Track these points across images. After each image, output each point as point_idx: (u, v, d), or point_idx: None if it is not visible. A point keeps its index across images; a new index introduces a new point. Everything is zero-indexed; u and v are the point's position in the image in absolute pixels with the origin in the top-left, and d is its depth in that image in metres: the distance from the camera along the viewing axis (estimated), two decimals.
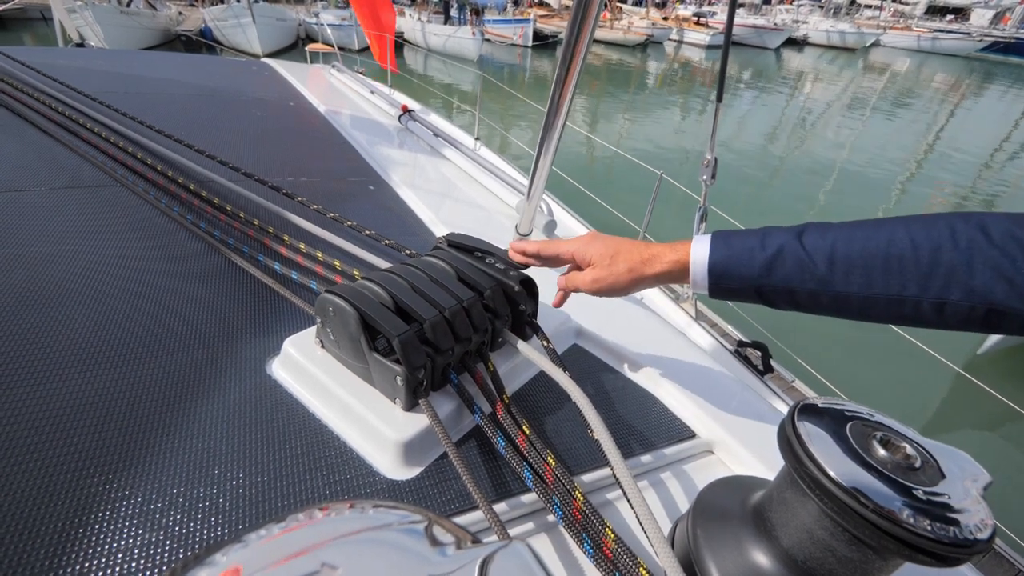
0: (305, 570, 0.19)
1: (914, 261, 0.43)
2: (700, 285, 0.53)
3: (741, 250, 0.50)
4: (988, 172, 8.99)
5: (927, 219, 0.45)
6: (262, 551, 0.20)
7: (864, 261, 0.45)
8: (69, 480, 0.49)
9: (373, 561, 0.19)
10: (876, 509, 0.35)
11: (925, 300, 0.43)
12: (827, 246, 0.47)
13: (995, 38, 27.18)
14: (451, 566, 0.20)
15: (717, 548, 0.47)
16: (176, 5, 16.94)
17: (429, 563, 0.20)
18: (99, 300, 0.74)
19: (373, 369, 0.59)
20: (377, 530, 0.21)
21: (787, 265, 0.48)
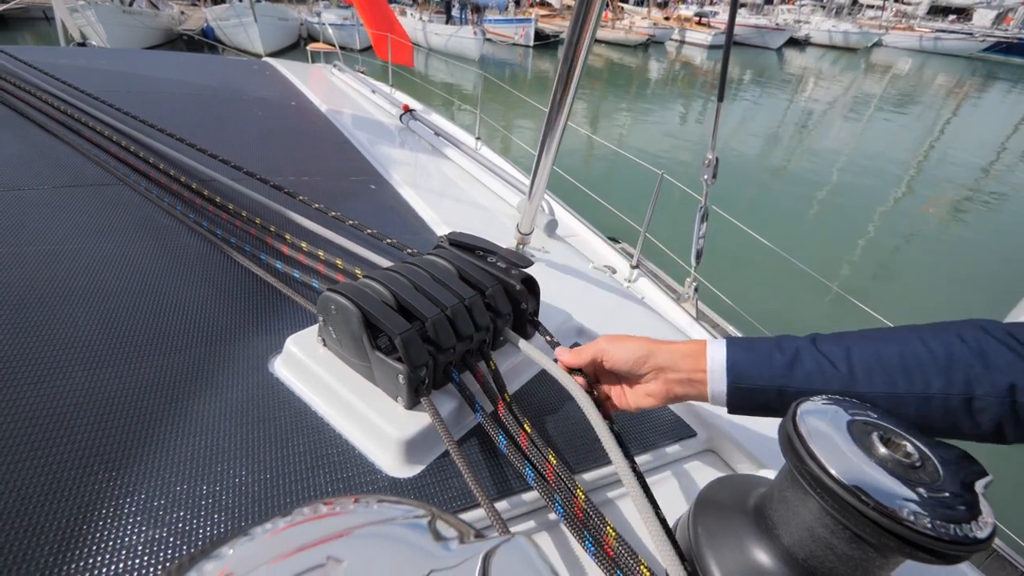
0: (311, 563, 0.19)
1: (931, 359, 0.43)
2: (718, 398, 0.50)
3: (760, 352, 0.49)
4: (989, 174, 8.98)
5: (932, 326, 0.46)
6: (268, 544, 0.20)
7: (883, 363, 0.45)
8: (73, 476, 0.49)
9: (377, 554, 0.20)
10: (877, 507, 0.35)
11: (952, 396, 0.42)
12: (843, 351, 0.47)
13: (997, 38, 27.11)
14: (454, 560, 0.20)
15: (718, 546, 0.47)
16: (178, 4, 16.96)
17: (432, 557, 0.20)
18: (102, 298, 0.74)
19: (375, 367, 0.59)
20: (381, 524, 0.21)
21: (807, 366, 0.47)
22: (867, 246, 5.83)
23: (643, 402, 0.56)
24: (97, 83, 1.59)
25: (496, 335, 0.69)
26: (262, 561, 0.19)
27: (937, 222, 6.80)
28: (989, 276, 5.17)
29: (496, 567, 0.20)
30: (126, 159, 1.14)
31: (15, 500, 0.47)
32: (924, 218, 6.87)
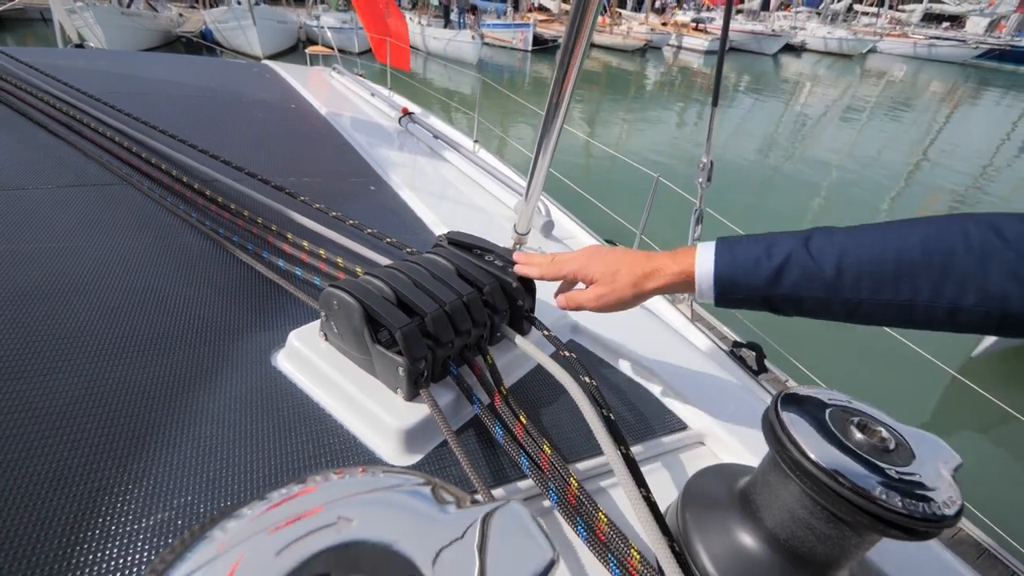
0: (324, 522, 0.21)
1: (926, 265, 0.42)
2: (706, 295, 0.52)
3: (746, 260, 0.49)
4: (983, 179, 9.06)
5: (938, 221, 0.44)
6: (285, 507, 0.22)
7: (874, 267, 0.44)
8: (82, 464, 0.51)
9: (384, 515, 0.22)
10: (852, 488, 0.37)
11: (938, 306, 0.42)
12: (835, 252, 0.46)
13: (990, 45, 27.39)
14: (454, 521, 0.22)
15: (705, 531, 0.49)
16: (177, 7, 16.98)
17: (434, 518, 0.22)
18: (108, 294, 0.76)
19: (376, 361, 0.61)
20: (387, 490, 0.23)
21: (794, 273, 0.47)
22: None
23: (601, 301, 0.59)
24: (98, 84, 1.60)
25: (493, 331, 0.71)
26: (279, 521, 0.21)
27: None
28: None
29: (494, 527, 0.22)
30: (128, 160, 1.15)
31: (26, 488, 0.48)
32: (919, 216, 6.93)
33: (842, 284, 0.45)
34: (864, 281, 0.44)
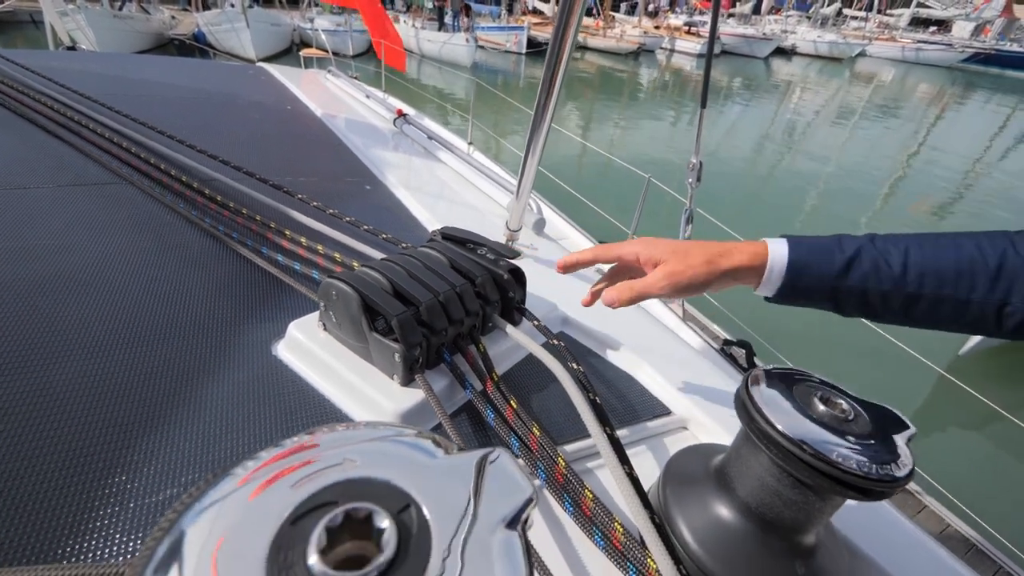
0: (332, 462, 0.24)
1: (983, 264, 0.46)
2: (774, 282, 0.52)
3: (820, 249, 0.50)
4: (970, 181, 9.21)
5: (989, 233, 0.49)
6: (297, 452, 0.24)
7: (937, 264, 0.47)
8: (91, 447, 0.53)
9: (383, 458, 0.24)
10: (814, 454, 0.40)
11: (990, 302, 0.46)
12: (900, 250, 0.48)
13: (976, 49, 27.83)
14: (445, 462, 0.25)
15: (684, 504, 0.52)
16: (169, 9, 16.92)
17: (427, 461, 0.25)
18: (110, 289, 0.78)
19: (373, 348, 0.63)
20: (385, 439, 0.26)
21: (864, 266, 0.49)
22: None
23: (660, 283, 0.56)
24: (93, 86, 1.62)
25: (485, 321, 0.74)
26: (293, 462, 0.24)
27: (922, 225, 6.98)
28: None
29: (489, 468, 0.25)
30: (127, 159, 1.17)
31: (37, 471, 0.50)
32: (909, 221, 7.04)
33: (907, 279, 0.48)
34: (928, 277, 0.47)
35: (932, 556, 0.59)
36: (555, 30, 0.78)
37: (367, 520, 0.21)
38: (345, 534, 0.21)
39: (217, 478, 0.23)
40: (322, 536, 0.20)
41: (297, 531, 0.20)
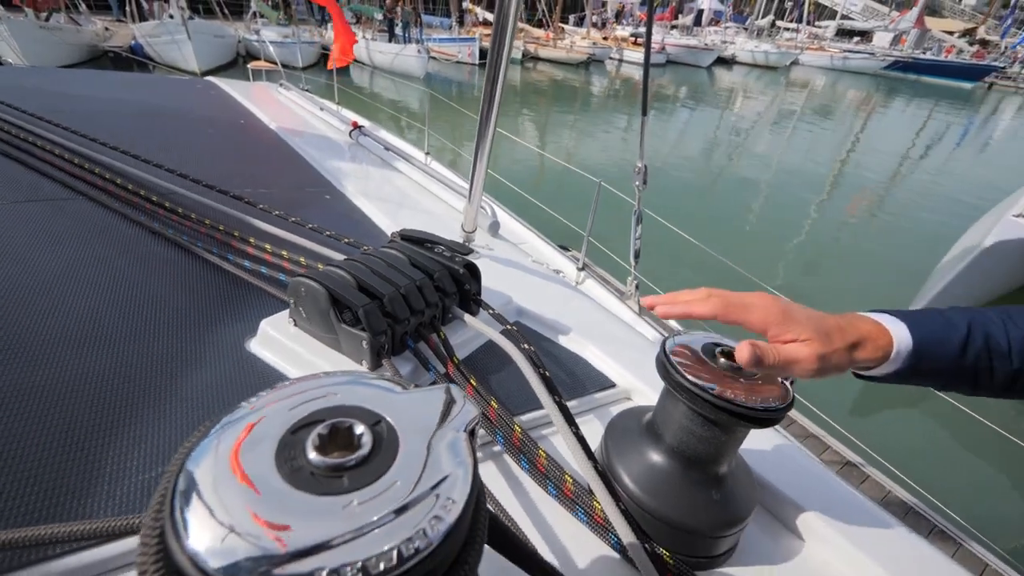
0: (317, 395, 0.30)
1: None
2: (892, 367, 0.50)
3: (939, 331, 0.49)
4: (898, 179, 9.99)
5: None
6: (290, 388, 0.31)
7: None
8: (82, 436, 0.56)
9: (358, 392, 0.31)
10: (716, 395, 0.49)
11: None
12: (1001, 327, 0.48)
13: (895, 58, 30.20)
14: (408, 394, 0.32)
15: (623, 455, 0.61)
16: (102, 21, 16.12)
17: (394, 394, 0.32)
18: (79, 299, 0.80)
19: (342, 338, 0.69)
20: (358, 381, 0.33)
21: (977, 344, 0.48)
22: (796, 245, 6.40)
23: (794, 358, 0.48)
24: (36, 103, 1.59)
25: (445, 311, 0.81)
26: (287, 395, 0.30)
27: (858, 222, 7.52)
28: (900, 265, 5.78)
29: (442, 396, 0.32)
30: (82, 176, 1.17)
31: (28, 468, 0.53)
32: (847, 219, 7.58)
33: (1012, 356, 0.47)
34: None
35: (830, 485, 0.69)
36: (492, 42, 0.85)
37: (349, 432, 0.28)
38: (333, 446, 0.27)
39: (231, 410, 0.29)
40: (315, 439, 0.26)
41: (296, 438, 0.27)
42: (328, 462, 0.26)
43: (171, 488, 0.24)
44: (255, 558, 0.21)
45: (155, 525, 0.23)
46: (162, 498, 0.24)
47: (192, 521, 0.22)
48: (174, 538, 0.22)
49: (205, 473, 0.24)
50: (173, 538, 0.22)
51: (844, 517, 0.63)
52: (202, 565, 0.21)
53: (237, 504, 0.23)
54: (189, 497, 0.23)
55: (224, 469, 0.25)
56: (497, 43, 0.80)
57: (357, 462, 0.26)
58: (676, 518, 0.55)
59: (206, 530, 0.22)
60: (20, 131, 1.32)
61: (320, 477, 0.25)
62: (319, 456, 0.26)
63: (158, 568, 0.22)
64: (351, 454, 0.26)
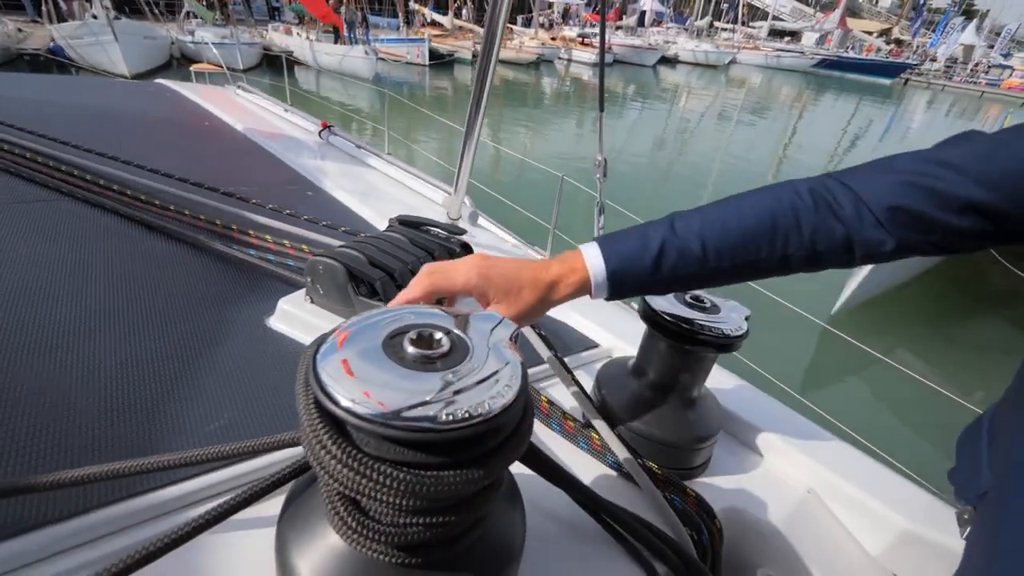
0: (395, 317, 0.39)
1: (763, 230, 0.52)
2: (601, 293, 0.55)
3: (631, 253, 0.54)
4: (832, 166, 10.76)
5: (765, 192, 0.55)
6: (370, 316, 0.39)
7: (728, 241, 0.53)
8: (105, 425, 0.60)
9: (424, 315, 0.40)
10: (688, 326, 0.61)
11: (774, 257, 0.53)
12: (697, 231, 0.53)
13: (822, 56, 32.37)
14: (469, 316, 0.41)
15: (614, 393, 0.72)
16: (14, 21, 14.92)
17: (453, 316, 0.41)
18: (93, 291, 0.82)
19: (359, 309, 0.77)
20: (418, 310, 0.41)
21: (671, 257, 0.53)
22: None
23: None
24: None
25: None
26: (369, 319, 0.39)
27: None
28: None
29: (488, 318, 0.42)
30: (62, 179, 1.17)
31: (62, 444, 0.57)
32: None
33: (707, 257, 0.53)
34: (724, 251, 0.53)
35: (782, 412, 0.83)
36: (485, 39, 0.94)
37: (431, 336, 0.37)
38: (422, 345, 0.36)
39: (339, 327, 0.37)
40: (411, 338, 0.35)
41: (396, 339, 0.36)
42: (423, 352, 0.35)
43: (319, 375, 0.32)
44: (395, 408, 0.30)
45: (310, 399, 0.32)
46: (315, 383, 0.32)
47: (340, 390, 0.31)
48: (335, 406, 0.30)
49: (338, 364, 0.33)
50: (338, 407, 0.30)
51: (794, 435, 0.77)
52: (365, 415, 0.29)
53: (373, 373, 0.32)
54: (335, 376, 0.32)
55: (353, 357, 0.33)
56: (488, 44, 0.89)
57: (443, 353, 0.35)
58: (661, 435, 0.66)
59: (352, 393, 0.30)
60: None
61: (420, 362, 0.34)
62: (415, 349, 0.35)
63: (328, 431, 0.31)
64: (436, 350, 0.36)
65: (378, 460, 0.31)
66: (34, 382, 0.63)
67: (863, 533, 0.69)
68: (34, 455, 0.53)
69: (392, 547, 0.35)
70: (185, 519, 0.40)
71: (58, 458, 0.53)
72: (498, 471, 0.34)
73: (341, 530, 0.35)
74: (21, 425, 0.56)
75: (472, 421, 0.31)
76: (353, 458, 0.30)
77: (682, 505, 0.62)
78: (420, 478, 0.30)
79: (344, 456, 0.30)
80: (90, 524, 0.47)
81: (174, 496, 0.51)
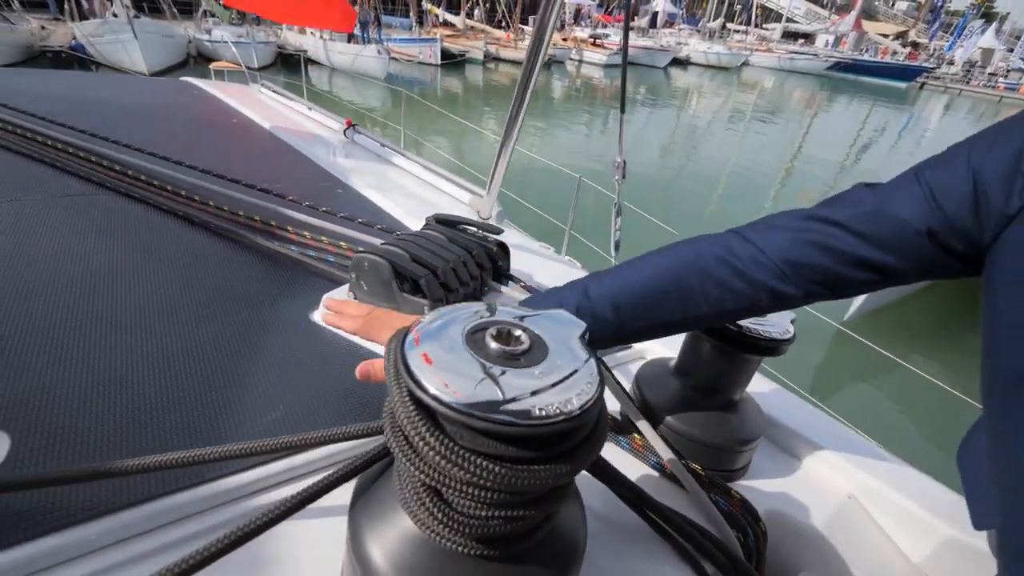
0: (469, 314, 0.40)
1: (671, 290, 0.54)
2: None
3: None
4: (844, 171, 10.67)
5: (670, 252, 0.56)
6: (448, 312, 0.40)
7: (638, 302, 0.54)
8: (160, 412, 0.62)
9: (498, 311, 0.41)
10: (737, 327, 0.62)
11: (688, 316, 0.55)
12: (608, 297, 0.55)
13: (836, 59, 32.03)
14: (537, 315, 0.42)
15: (656, 393, 0.72)
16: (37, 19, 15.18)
17: (525, 314, 0.42)
18: (147, 282, 0.84)
19: (402, 306, 0.78)
20: (487, 308, 0.42)
21: (587, 321, 0.57)
22: None
23: None
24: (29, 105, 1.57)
25: (482, 285, 0.90)
26: (447, 314, 0.40)
27: None
28: None
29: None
30: (105, 173, 1.20)
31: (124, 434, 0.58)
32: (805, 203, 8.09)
33: (621, 319, 0.55)
34: (637, 313, 0.55)
35: (822, 418, 0.83)
36: (532, 40, 0.95)
37: (509, 334, 0.38)
38: (501, 341, 0.37)
39: (416, 322, 0.38)
40: (492, 334, 0.36)
41: (477, 334, 0.37)
42: (506, 348, 0.36)
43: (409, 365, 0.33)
44: (487, 400, 0.31)
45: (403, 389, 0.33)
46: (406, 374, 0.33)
47: (435, 382, 0.32)
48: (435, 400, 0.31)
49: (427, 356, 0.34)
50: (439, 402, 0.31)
51: (833, 439, 0.77)
52: (456, 405, 0.30)
53: (463, 367, 0.33)
54: (425, 370, 0.33)
55: (436, 351, 0.34)
56: (536, 44, 0.90)
57: (525, 350, 0.36)
58: (703, 437, 0.67)
59: (445, 386, 0.31)
60: (24, 130, 1.32)
61: (504, 358, 0.35)
62: (498, 345, 0.36)
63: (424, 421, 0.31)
64: (517, 346, 0.36)
65: (473, 452, 0.31)
66: (107, 370, 0.65)
67: (904, 539, 0.69)
68: (107, 440, 0.55)
69: (470, 538, 0.36)
70: (254, 505, 0.41)
71: (128, 444, 0.55)
72: (583, 466, 0.35)
73: (420, 519, 0.36)
74: (93, 412, 0.58)
75: (564, 416, 0.31)
76: (449, 449, 0.31)
77: (727, 507, 0.62)
78: (514, 472, 0.31)
79: (441, 447, 0.31)
80: (165, 508, 0.48)
81: (244, 483, 0.52)
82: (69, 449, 0.53)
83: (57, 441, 0.54)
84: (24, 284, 0.79)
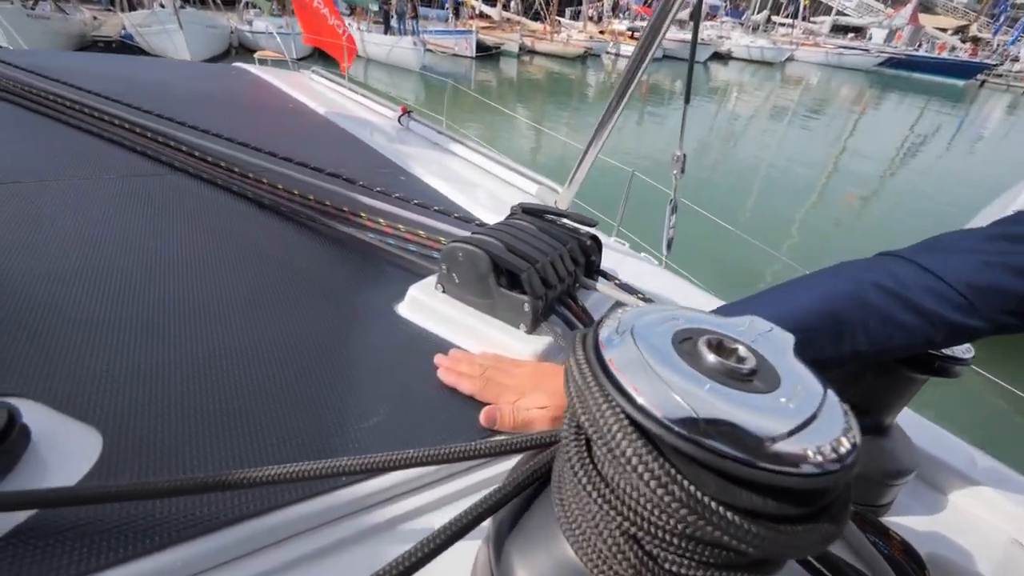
0: (668, 317, 0.33)
1: (825, 327, 0.48)
2: None
3: None
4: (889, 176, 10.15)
5: (821, 282, 0.51)
6: (641, 313, 0.33)
7: None
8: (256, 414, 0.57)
9: (701, 319, 0.33)
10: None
11: (842, 355, 0.49)
12: None
13: (889, 54, 30.48)
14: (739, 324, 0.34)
15: None
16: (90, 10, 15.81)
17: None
18: (223, 267, 0.81)
19: (499, 301, 0.71)
20: (691, 312, 0.34)
21: None
22: (801, 230, 6.53)
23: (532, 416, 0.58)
24: (93, 87, 1.57)
25: (575, 281, 0.83)
26: (641, 315, 0.32)
27: (858, 208, 7.68)
28: None
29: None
30: (173, 155, 1.18)
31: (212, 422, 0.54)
32: (847, 205, 7.74)
33: None
34: None
35: (975, 455, 0.72)
36: (646, 33, 0.87)
37: (731, 347, 0.30)
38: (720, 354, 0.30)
39: (604, 320, 0.31)
40: (705, 342, 0.28)
41: (684, 344, 0.29)
42: (728, 364, 0.28)
43: None
44: (752, 435, 0.23)
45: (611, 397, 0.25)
46: None
47: (652, 392, 0.24)
48: (648, 413, 0.24)
49: (638, 361, 0.26)
50: (646, 415, 0.24)
51: (988, 477, 0.67)
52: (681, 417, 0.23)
53: (680, 379, 0.25)
54: (636, 374, 0.25)
55: (651, 356, 0.26)
56: (649, 37, 0.82)
57: (751, 371, 0.28)
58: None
59: (662, 398, 0.24)
60: (91, 109, 1.32)
61: (730, 376, 0.27)
62: (716, 358, 0.28)
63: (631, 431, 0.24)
64: (742, 364, 0.28)
65: (723, 504, 0.24)
66: (197, 362, 0.61)
67: None
68: (207, 447, 0.50)
69: None
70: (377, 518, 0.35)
71: (233, 452, 0.50)
72: (844, 524, 0.27)
73: (603, 568, 0.29)
74: (189, 411, 0.54)
75: (839, 465, 0.24)
76: (699, 502, 0.24)
77: (887, 551, 0.53)
78: (776, 534, 0.24)
79: (688, 499, 0.24)
80: (283, 521, 0.43)
81: (362, 495, 0.47)
82: (162, 456, 0.48)
83: (148, 446, 0.49)
84: (112, 265, 0.76)
